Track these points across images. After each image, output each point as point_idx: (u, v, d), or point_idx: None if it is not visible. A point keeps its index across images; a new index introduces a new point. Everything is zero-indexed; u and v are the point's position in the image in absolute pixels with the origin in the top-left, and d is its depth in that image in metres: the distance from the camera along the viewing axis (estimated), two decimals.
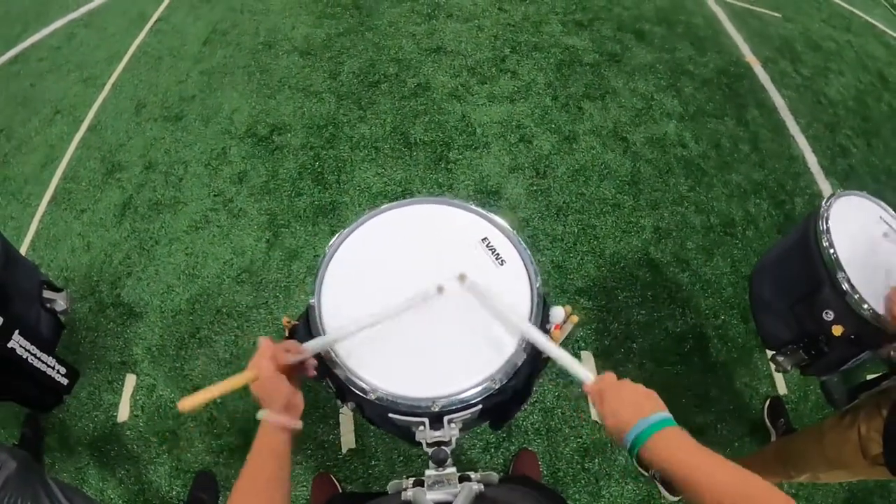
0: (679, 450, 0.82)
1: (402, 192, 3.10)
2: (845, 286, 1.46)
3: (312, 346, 1.05)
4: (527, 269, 1.20)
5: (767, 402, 2.56)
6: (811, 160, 3.55)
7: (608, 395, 0.93)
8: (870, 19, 5.06)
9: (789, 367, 1.69)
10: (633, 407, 0.89)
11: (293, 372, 1.01)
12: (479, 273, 1.18)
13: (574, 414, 2.47)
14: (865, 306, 1.43)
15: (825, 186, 3.41)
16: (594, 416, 2.46)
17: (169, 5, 4.33)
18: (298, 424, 0.95)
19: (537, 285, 1.17)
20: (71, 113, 3.60)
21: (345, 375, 1.06)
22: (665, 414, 0.87)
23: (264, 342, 0.98)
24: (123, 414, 2.46)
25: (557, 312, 1.16)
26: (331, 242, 1.24)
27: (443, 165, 3.23)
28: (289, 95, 3.60)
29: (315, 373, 1.06)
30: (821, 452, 1.75)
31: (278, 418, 0.92)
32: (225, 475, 2.31)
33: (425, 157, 3.27)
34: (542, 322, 1.14)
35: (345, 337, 1.09)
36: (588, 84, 3.74)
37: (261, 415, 0.93)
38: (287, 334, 1.18)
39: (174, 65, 3.85)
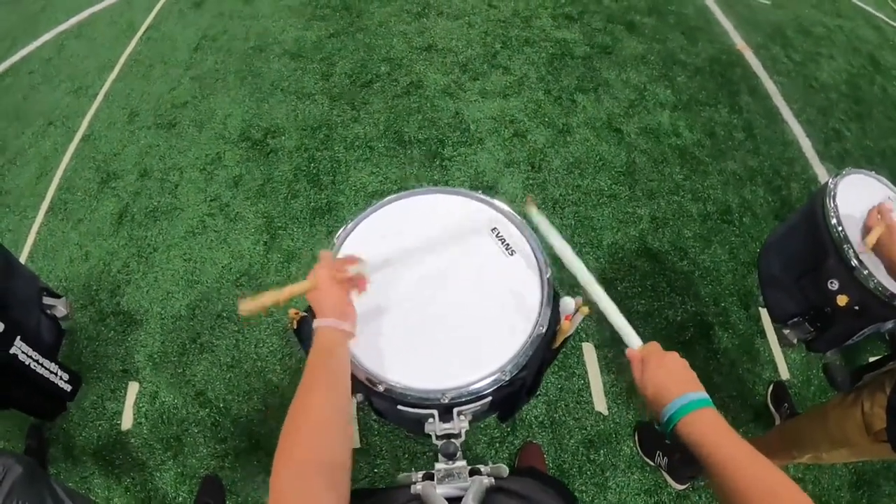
0: (715, 432, 0.83)
1: (397, 191, 3.05)
2: (854, 262, 1.47)
3: (373, 259, 1.09)
4: (537, 260, 1.19)
5: (771, 388, 2.56)
6: (805, 145, 3.55)
7: (651, 364, 0.93)
8: (859, 3, 5.08)
9: (795, 341, 1.70)
10: (676, 380, 0.89)
11: (348, 286, 1.04)
12: (490, 263, 1.18)
13: (578, 406, 2.47)
14: (874, 281, 1.44)
15: (820, 171, 3.41)
16: (598, 407, 2.47)
17: (158, 14, 4.33)
18: (349, 326, 0.97)
19: (548, 275, 1.16)
20: (64, 124, 3.59)
21: (353, 366, 1.05)
22: (705, 395, 0.87)
23: (323, 254, 1.02)
24: (127, 422, 2.45)
25: (568, 303, 1.15)
26: (337, 234, 1.23)
27: (438, 163, 3.23)
28: (281, 98, 3.60)
29: (367, 288, 1.09)
30: (824, 431, 1.75)
31: (331, 321, 0.94)
32: (231, 479, 2.30)
33: (420, 155, 3.27)
34: (553, 312, 1.13)
35: (396, 258, 1.15)
36: (580, 77, 3.74)
37: (315, 323, 0.95)
38: (295, 326, 1.18)
39: (166, 72, 3.84)
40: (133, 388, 2.53)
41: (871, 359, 1.74)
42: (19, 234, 3.05)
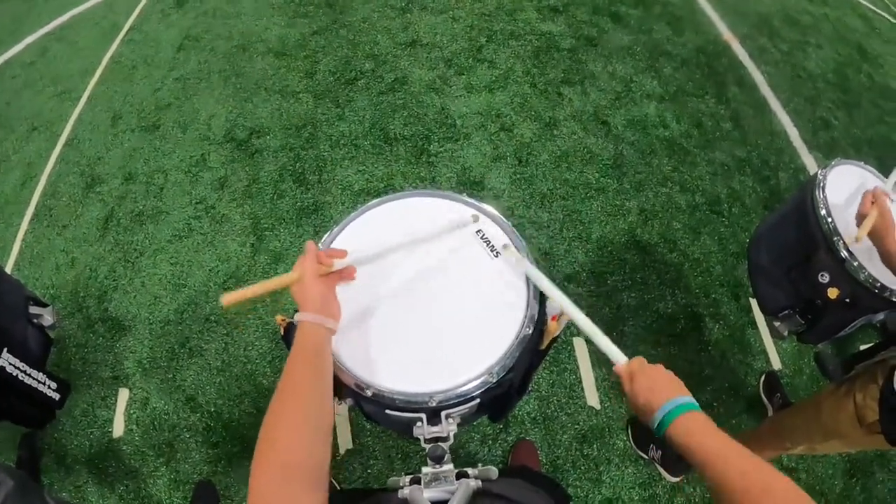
0: (703, 434, 0.86)
1: (384, 188, 3.08)
2: (844, 253, 1.47)
3: (357, 255, 1.08)
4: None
5: (763, 378, 2.56)
6: (793, 135, 3.56)
7: (638, 377, 0.97)
8: None
9: (786, 333, 1.70)
10: (662, 389, 0.93)
11: (333, 279, 1.05)
12: (475, 265, 1.17)
13: (570, 401, 2.47)
14: (864, 274, 1.44)
15: (809, 160, 3.41)
16: (590, 401, 2.47)
17: (140, 14, 4.28)
18: (332, 323, 0.98)
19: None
20: (48, 129, 3.55)
21: (340, 372, 1.05)
22: (691, 399, 0.91)
23: (309, 245, 1.02)
24: (118, 429, 2.44)
25: (554, 304, 1.15)
26: (322, 239, 1.23)
27: (424, 159, 3.22)
28: (265, 97, 3.57)
29: (355, 277, 1.09)
30: (817, 422, 1.75)
31: (314, 316, 0.95)
32: (224, 484, 2.30)
33: (406, 152, 3.25)
34: (539, 313, 1.13)
35: (381, 253, 1.15)
36: (566, 69, 3.73)
37: (298, 317, 0.95)
38: (282, 333, 1.17)
39: (149, 74, 3.80)
40: (123, 395, 2.52)
41: (862, 347, 1.75)
42: (5, 242, 3.02)
